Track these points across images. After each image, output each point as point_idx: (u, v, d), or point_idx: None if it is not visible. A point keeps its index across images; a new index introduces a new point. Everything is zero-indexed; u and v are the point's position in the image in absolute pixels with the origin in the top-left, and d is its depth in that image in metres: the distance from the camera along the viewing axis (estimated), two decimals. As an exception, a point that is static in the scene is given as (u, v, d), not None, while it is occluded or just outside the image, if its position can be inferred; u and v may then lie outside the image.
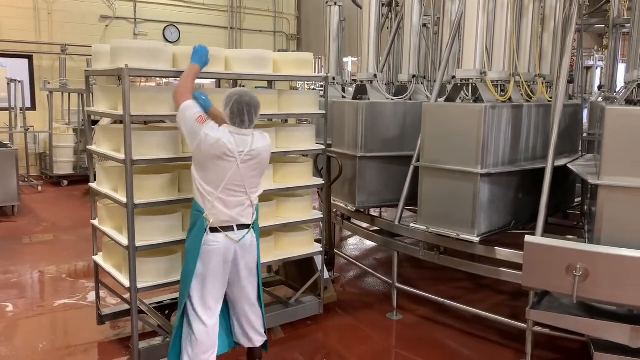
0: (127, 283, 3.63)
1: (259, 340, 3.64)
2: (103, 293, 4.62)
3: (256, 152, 3.30)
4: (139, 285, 3.60)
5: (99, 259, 4.18)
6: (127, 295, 3.75)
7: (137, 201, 3.52)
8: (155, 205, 3.67)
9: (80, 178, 10.50)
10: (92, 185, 4.13)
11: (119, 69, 3.39)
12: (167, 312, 4.38)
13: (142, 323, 3.90)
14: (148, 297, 4.29)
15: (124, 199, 3.54)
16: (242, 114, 3.25)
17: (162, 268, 3.73)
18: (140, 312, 3.81)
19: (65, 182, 10.82)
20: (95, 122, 5.19)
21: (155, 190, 3.65)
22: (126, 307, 4.04)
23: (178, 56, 3.74)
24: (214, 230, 3.26)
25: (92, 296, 5.00)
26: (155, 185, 3.66)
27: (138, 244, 3.55)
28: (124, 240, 3.61)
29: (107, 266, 4.01)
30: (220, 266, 3.30)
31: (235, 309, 3.58)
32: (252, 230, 3.41)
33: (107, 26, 12.59)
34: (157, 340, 3.83)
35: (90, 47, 4.07)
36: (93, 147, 4.06)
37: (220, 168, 3.20)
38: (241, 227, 3.34)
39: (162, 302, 4.42)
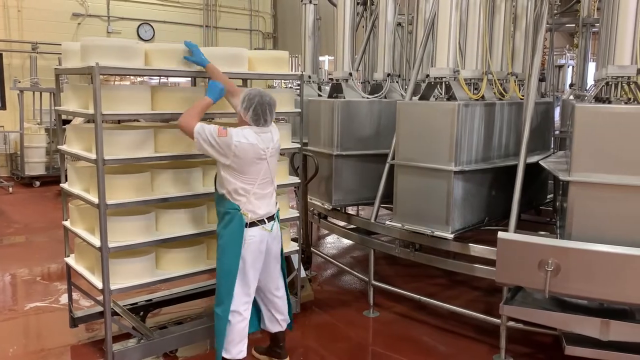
0: (99, 285, 3.57)
1: (285, 323, 3.88)
2: (76, 295, 4.54)
3: (277, 143, 3.59)
4: (112, 287, 3.55)
5: (70, 260, 4.10)
6: (100, 297, 3.69)
7: (109, 202, 3.47)
8: (128, 205, 3.62)
9: (53, 179, 10.30)
10: (64, 185, 4.05)
11: (90, 67, 3.33)
12: (141, 313, 4.33)
13: (117, 325, 3.85)
14: (122, 298, 4.24)
15: (95, 200, 3.49)
16: (265, 114, 3.44)
17: (136, 269, 3.68)
18: (115, 314, 3.75)
19: (37, 183, 10.62)
20: (67, 122, 5.10)
21: (128, 190, 3.60)
22: (100, 309, 3.98)
23: (150, 54, 3.70)
24: (251, 224, 3.45)
25: (64, 299, 4.92)
26: (127, 185, 3.61)
27: (111, 245, 3.50)
28: (96, 242, 3.56)
29: (79, 268, 3.94)
30: (258, 258, 3.52)
31: (265, 296, 3.79)
32: (276, 219, 3.65)
33: (79, 24, 12.38)
34: (131, 343, 3.77)
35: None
36: (64, 147, 3.99)
37: (257, 167, 3.43)
38: (269, 218, 3.57)
39: (136, 303, 4.36)
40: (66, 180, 4.07)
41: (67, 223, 4.08)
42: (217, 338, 3.55)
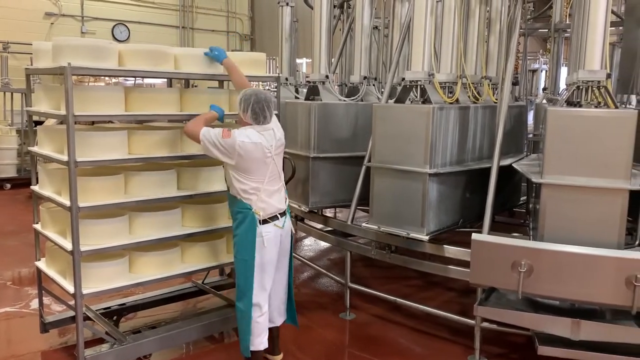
0: (71, 289, 3.51)
1: (284, 316, 3.98)
2: (48, 300, 4.45)
3: (281, 140, 3.66)
4: (85, 291, 3.49)
5: (41, 264, 4.02)
6: (72, 302, 3.62)
7: (81, 204, 3.41)
8: (101, 208, 3.57)
9: (24, 181, 10.06)
10: (35, 188, 3.97)
11: (62, 67, 3.28)
12: (115, 317, 4.26)
13: (89, 330, 3.78)
14: (95, 302, 4.17)
15: (67, 202, 3.42)
16: (264, 110, 3.52)
17: (109, 272, 3.63)
18: (87, 318, 3.69)
19: (8, 186, 10.40)
20: (39, 123, 5.01)
21: (101, 193, 3.55)
22: (72, 313, 3.91)
23: (124, 54, 3.65)
24: (264, 222, 3.54)
25: (35, 303, 4.81)
26: (100, 188, 3.56)
27: (83, 248, 3.44)
28: (68, 245, 3.49)
29: (50, 272, 3.86)
30: (275, 253, 3.63)
31: (276, 289, 3.82)
32: (287, 215, 3.73)
33: (52, 24, 12.18)
34: (104, 348, 3.70)
35: (34, 45, 3.93)
36: (35, 149, 3.92)
37: (263, 166, 3.52)
38: (282, 214, 3.66)
39: (109, 307, 4.29)
40: (37, 183, 3.99)
41: (38, 226, 4.00)
42: (240, 332, 3.67)
